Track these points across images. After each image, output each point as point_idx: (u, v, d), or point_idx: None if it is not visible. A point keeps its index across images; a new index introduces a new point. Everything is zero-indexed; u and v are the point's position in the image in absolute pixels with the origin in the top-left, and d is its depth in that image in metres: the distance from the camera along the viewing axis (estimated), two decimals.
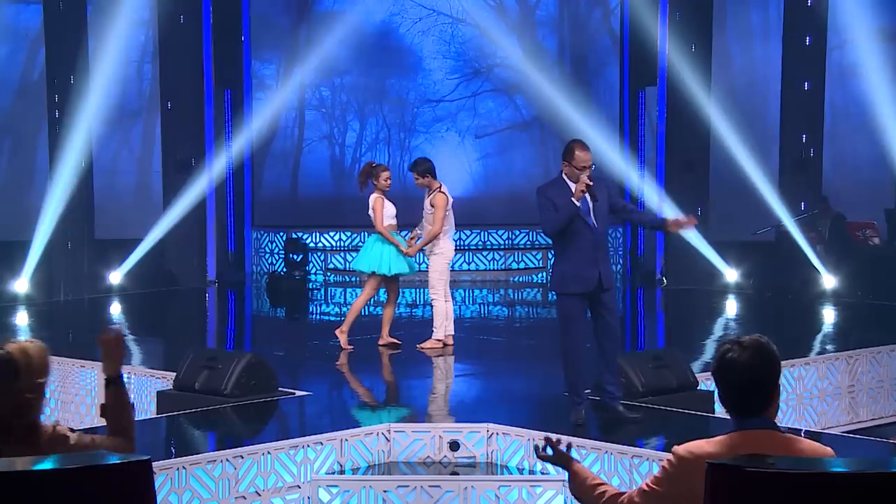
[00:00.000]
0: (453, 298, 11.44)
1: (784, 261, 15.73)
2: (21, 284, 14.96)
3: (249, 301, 17.38)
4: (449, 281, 11.16)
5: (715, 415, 8.33)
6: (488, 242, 18.64)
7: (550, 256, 15.84)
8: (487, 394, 9.78)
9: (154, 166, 17.96)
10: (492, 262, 18.42)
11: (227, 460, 6.94)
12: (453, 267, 12.30)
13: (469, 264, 18.25)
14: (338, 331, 11.13)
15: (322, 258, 18.46)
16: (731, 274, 16.22)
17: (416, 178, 10.95)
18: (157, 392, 9.10)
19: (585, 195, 7.64)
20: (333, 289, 17.72)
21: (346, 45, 18.90)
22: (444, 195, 10.85)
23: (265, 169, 19.82)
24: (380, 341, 11.19)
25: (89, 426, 8.32)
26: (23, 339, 3.96)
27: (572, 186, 7.65)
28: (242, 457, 7.01)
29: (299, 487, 7.20)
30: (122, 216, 17.19)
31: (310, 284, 17.88)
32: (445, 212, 10.81)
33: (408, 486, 7.02)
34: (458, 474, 7.41)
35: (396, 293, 11.27)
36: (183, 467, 6.74)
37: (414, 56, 19.76)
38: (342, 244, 18.51)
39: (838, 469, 3.26)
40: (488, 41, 19.40)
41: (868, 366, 10.45)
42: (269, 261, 18.88)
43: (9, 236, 15.71)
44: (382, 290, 11.30)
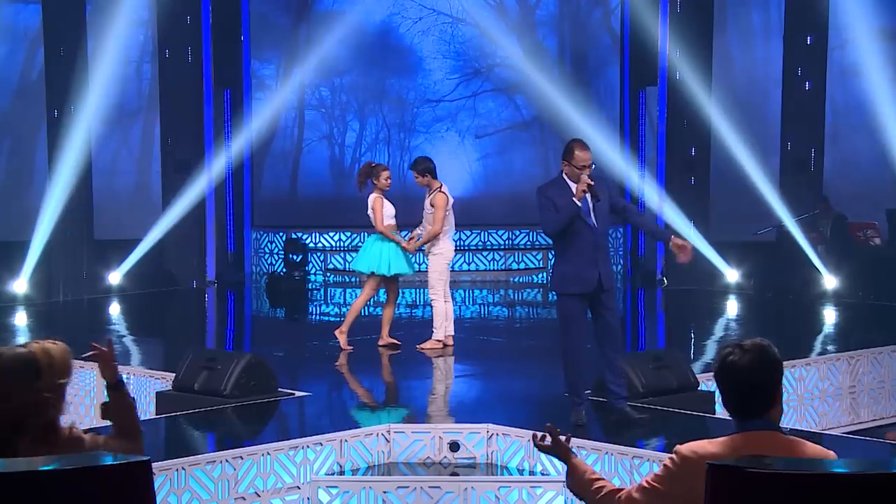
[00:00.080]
0: (453, 299, 11.42)
1: (785, 261, 15.71)
2: (20, 285, 14.93)
3: (249, 301, 17.36)
4: (449, 281, 11.14)
5: (715, 415, 8.32)
6: (488, 243, 18.62)
7: (551, 257, 15.83)
8: (487, 394, 9.77)
9: (153, 166, 17.94)
10: (492, 263, 18.40)
11: (227, 461, 6.92)
12: (453, 267, 12.28)
13: (469, 264, 18.23)
14: (337, 331, 11.11)
15: (322, 258, 18.44)
16: (732, 274, 16.19)
17: (416, 177, 10.94)
18: (157, 393, 9.09)
19: (586, 195, 7.62)
20: (333, 289, 17.70)
21: (346, 45, 18.88)
22: (445, 195, 10.84)
23: (265, 169, 19.80)
24: (379, 342, 11.17)
25: (88, 426, 8.28)
26: (46, 340, 3.95)
27: (573, 186, 7.62)
28: (242, 457, 7.00)
29: (299, 488, 7.19)
30: (122, 216, 17.18)
31: (309, 285, 17.85)
32: (445, 212, 10.79)
33: (408, 487, 7.01)
34: (458, 475, 7.39)
35: (396, 293, 11.26)
36: (182, 468, 6.73)
37: (414, 56, 19.73)
38: (342, 244, 18.48)
39: (839, 470, 3.25)
40: (488, 41, 19.37)
41: (869, 366, 10.44)
42: (269, 261, 18.85)
43: (8, 236, 15.69)
44: (382, 291, 11.29)
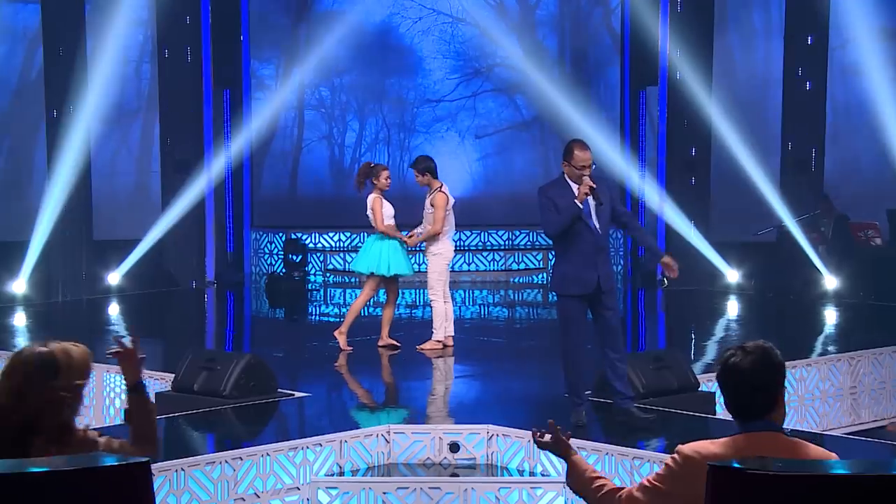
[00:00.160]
0: (453, 299, 11.40)
1: (785, 261, 15.68)
2: (19, 285, 14.91)
3: (248, 302, 17.34)
4: (448, 282, 11.12)
5: (716, 416, 8.30)
6: (488, 243, 18.59)
7: (551, 257, 15.81)
8: (487, 395, 9.75)
9: (153, 166, 17.92)
10: (492, 263, 18.38)
11: (226, 462, 6.90)
12: (453, 268, 12.27)
13: (469, 265, 18.21)
14: (337, 332, 11.09)
15: (321, 259, 18.42)
16: (733, 275, 16.17)
17: (417, 176, 10.93)
18: (156, 393, 9.05)
19: (588, 197, 7.61)
20: (333, 289, 17.68)
21: (346, 45, 18.87)
22: (445, 195, 10.82)
23: (264, 169, 19.78)
24: (379, 342, 11.15)
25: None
26: (68, 342, 3.95)
27: (574, 187, 7.61)
28: (241, 458, 6.98)
29: (298, 489, 7.17)
30: (121, 216, 17.16)
31: (309, 285, 17.83)
32: (445, 212, 10.77)
33: (407, 488, 7.00)
34: (458, 476, 7.38)
35: (396, 294, 11.24)
36: (181, 469, 6.71)
37: (414, 56, 19.71)
38: (341, 245, 18.45)
39: (839, 471, 3.24)
40: (488, 41, 19.35)
41: (870, 367, 10.42)
42: (269, 261, 18.83)
43: (7, 237, 15.67)
44: (382, 291, 11.27)
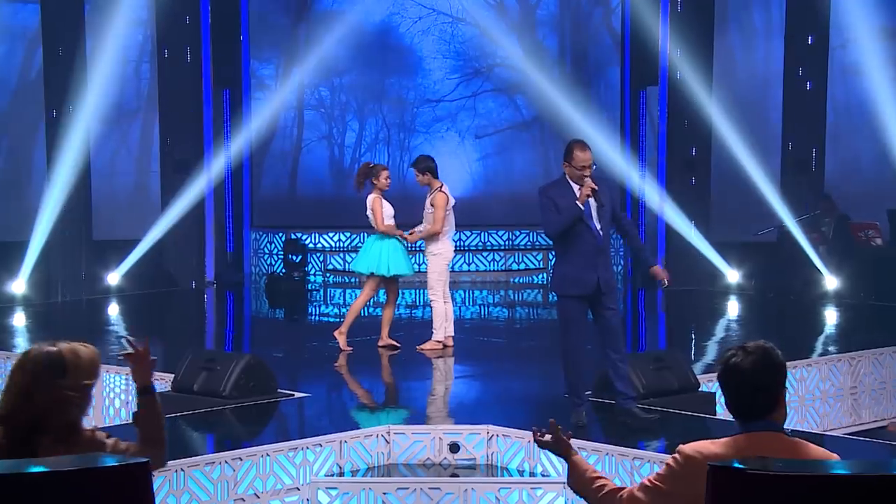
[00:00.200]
0: (453, 299, 11.39)
1: (786, 261, 15.67)
2: (18, 285, 14.90)
3: (248, 302, 17.33)
4: (448, 282, 11.11)
5: (716, 416, 8.29)
6: (488, 243, 18.58)
7: (551, 257, 15.80)
8: (487, 395, 9.74)
9: (152, 166, 17.91)
10: (492, 263, 18.37)
11: (226, 462, 6.89)
12: (453, 268, 12.25)
13: (469, 265, 18.20)
14: (337, 332, 11.08)
15: (321, 259, 18.41)
16: (733, 275, 16.16)
17: (417, 176, 10.93)
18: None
19: (589, 199, 7.60)
20: (332, 290, 17.67)
21: (346, 45, 18.86)
22: (445, 195, 10.81)
23: (264, 169, 19.77)
24: (379, 342, 11.14)
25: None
26: (77, 342, 3.95)
27: (574, 187, 7.60)
28: (241, 459, 6.97)
29: (298, 489, 7.16)
30: (120, 216, 17.15)
31: (309, 285, 17.82)
32: (445, 211, 10.76)
33: (407, 488, 6.98)
34: (458, 476, 7.36)
35: (396, 294, 11.22)
36: (181, 469, 6.70)
37: (414, 56, 19.70)
38: (341, 245, 18.45)
39: (840, 471, 3.23)
40: (488, 41, 19.34)
41: (870, 367, 10.41)
42: (268, 261, 18.82)
43: (6, 237, 15.66)
44: (382, 292, 11.25)
